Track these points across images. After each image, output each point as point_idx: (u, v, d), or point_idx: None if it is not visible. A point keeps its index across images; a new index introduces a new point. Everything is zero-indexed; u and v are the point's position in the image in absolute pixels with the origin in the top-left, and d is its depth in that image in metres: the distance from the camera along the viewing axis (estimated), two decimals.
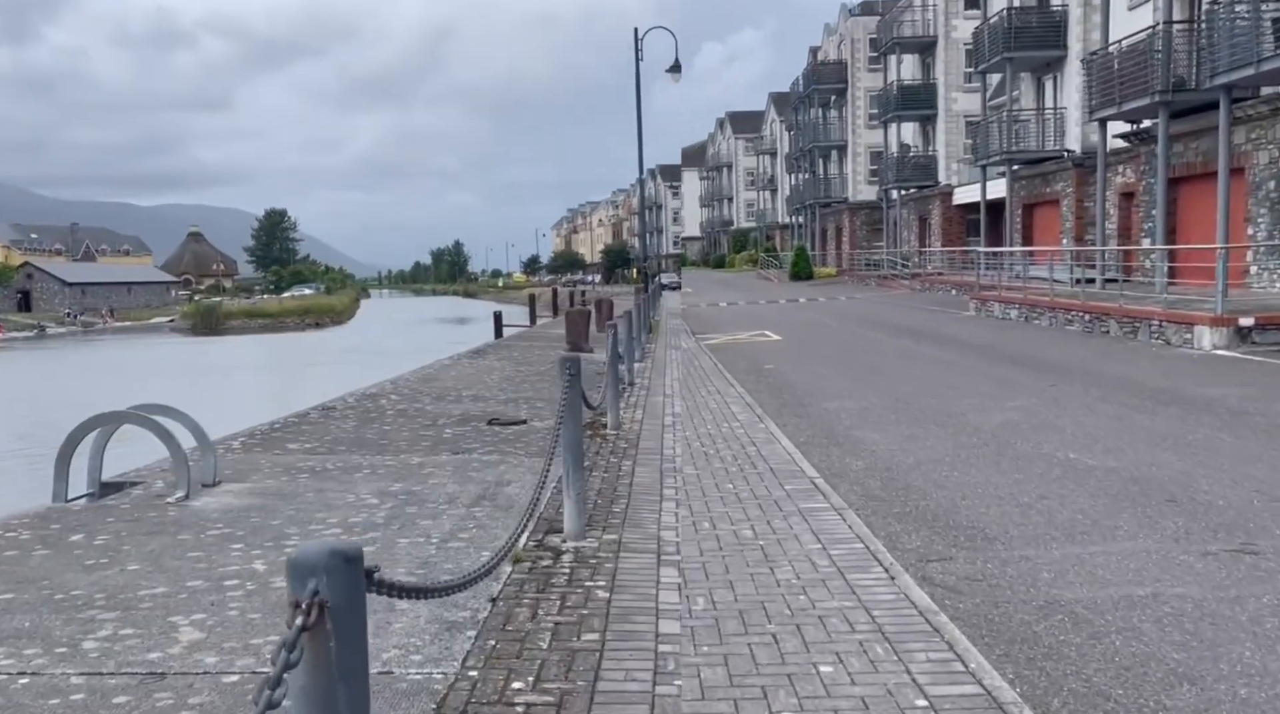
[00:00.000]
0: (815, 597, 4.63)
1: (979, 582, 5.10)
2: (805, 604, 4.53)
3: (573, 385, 5.58)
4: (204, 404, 24.62)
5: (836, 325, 17.40)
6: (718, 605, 4.55)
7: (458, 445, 8.63)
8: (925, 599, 4.57)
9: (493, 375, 14.70)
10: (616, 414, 9.67)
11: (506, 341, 22.75)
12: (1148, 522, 6.09)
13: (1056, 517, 6.22)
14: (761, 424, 10.05)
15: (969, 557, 5.51)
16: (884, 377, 13.10)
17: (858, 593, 4.63)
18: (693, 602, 4.61)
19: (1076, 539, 5.73)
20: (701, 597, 4.68)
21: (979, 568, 5.32)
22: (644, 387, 13.33)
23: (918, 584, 4.84)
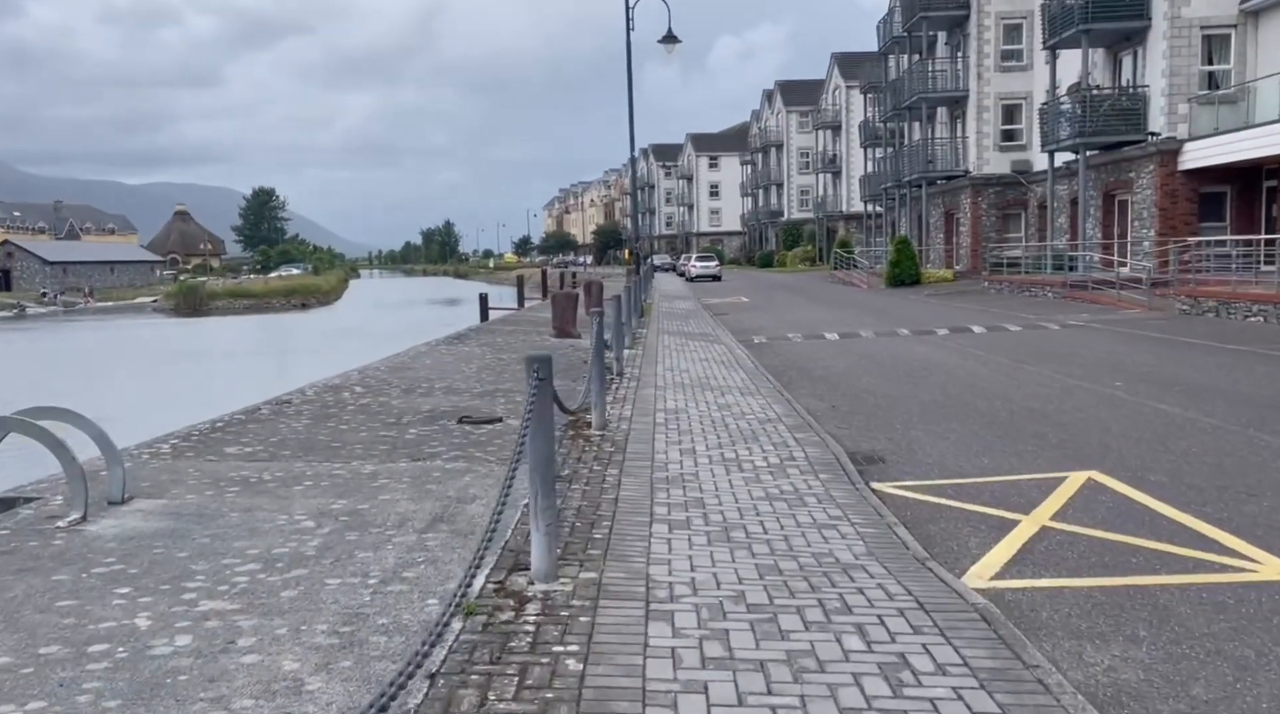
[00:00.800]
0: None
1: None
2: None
3: (541, 391, 4.51)
4: (160, 393, 23.62)
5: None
6: (718, 678, 3.51)
7: (420, 450, 7.56)
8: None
9: (470, 364, 13.61)
10: (602, 411, 8.61)
11: (490, 326, 21.65)
12: None
13: None
14: (760, 397, 9.00)
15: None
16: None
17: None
18: (689, 673, 3.56)
19: None
20: (699, 664, 3.63)
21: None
22: (634, 377, 12.27)
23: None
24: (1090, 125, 27.01)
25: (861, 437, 8.93)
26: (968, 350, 15.46)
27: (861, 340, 17.86)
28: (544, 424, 4.57)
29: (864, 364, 14.32)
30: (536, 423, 4.49)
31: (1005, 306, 24.46)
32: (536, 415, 4.48)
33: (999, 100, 37.36)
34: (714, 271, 56.86)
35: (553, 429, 4.66)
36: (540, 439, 4.53)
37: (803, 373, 13.58)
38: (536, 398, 4.48)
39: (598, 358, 8.46)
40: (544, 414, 4.56)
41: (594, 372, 8.43)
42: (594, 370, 8.43)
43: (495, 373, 12.66)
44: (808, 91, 79.48)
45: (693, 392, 11.08)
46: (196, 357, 33.35)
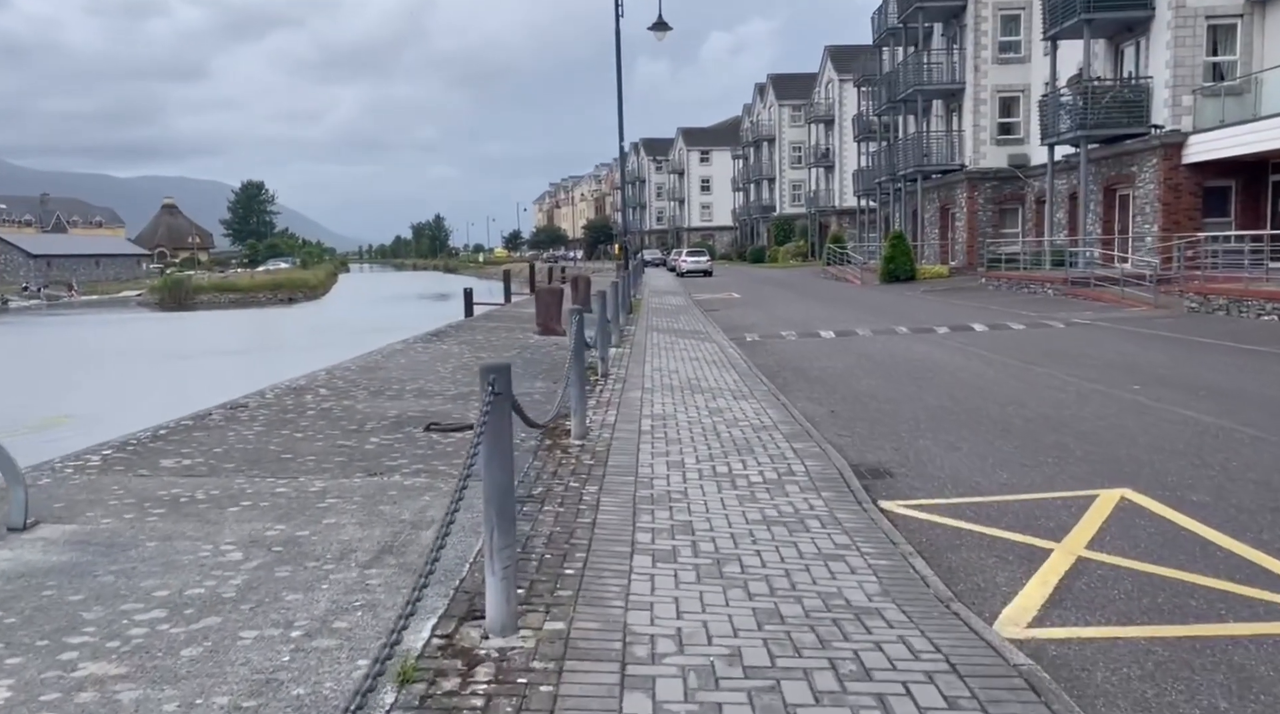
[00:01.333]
0: None
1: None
2: None
3: (496, 408, 3.77)
4: (124, 393, 22.70)
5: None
6: None
7: (379, 462, 6.81)
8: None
9: (446, 363, 12.85)
10: (583, 418, 7.87)
11: (473, 322, 20.87)
12: None
13: None
14: (754, 400, 8.28)
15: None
16: None
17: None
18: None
19: None
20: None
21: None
22: (619, 378, 11.52)
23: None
24: (1092, 118, 26.29)
25: (865, 447, 8.21)
26: (971, 350, 14.76)
27: (859, 338, 17.14)
28: (500, 447, 3.82)
29: (863, 364, 13.60)
30: (491, 445, 3.76)
31: (1005, 304, 23.79)
32: (490, 437, 3.74)
33: (996, 93, 36.61)
34: (705, 267, 56.19)
35: (511, 451, 3.91)
36: (496, 465, 3.79)
37: (798, 374, 12.86)
38: (490, 416, 3.74)
39: (577, 359, 7.72)
40: (500, 435, 3.82)
41: (573, 375, 7.69)
42: (573, 373, 7.68)
43: (471, 373, 11.89)
44: (800, 85, 78.68)
45: (682, 394, 10.35)
46: (171, 354, 32.45)
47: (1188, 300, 19.88)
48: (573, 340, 7.67)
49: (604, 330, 11.71)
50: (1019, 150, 36.41)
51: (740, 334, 18.51)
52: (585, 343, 8.63)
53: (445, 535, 3.22)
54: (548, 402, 9.35)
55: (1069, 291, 24.42)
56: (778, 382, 11.96)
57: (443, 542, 3.20)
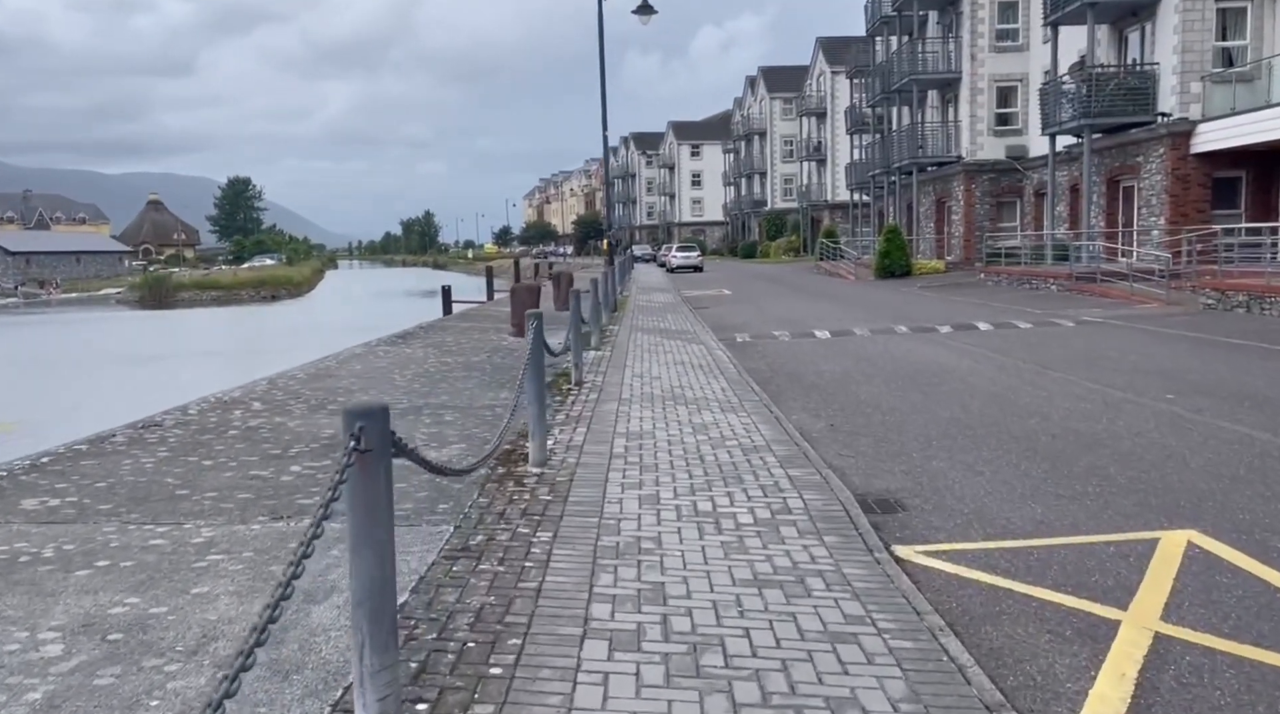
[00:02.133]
0: None
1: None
2: None
3: (365, 474, 2.62)
4: (76, 399, 21.39)
5: None
6: None
7: (291, 501, 5.66)
8: None
9: (406, 370, 11.68)
10: (543, 442, 6.72)
11: (446, 322, 19.68)
12: None
13: None
14: (744, 413, 7.17)
15: None
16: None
17: None
18: None
19: None
20: None
21: None
22: (595, 387, 10.38)
23: None
24: (1096, 106, 25.20)
25: (871, 470, 7.08)
26: (978, 351, 13.65)
27: (856, 339, 16.02)
28: (373, 526, 2.67)
29: (862, 368, 12.47)
30: (360, 524, 2.61)
31: (1008, 300, 22.69)
32: (357, 513, 2.59)
33: (993, 82, 35.50)
34: (696, 262, 55.05)
35: (391, 530, 2.76)
36: (368, 554, 2.64)
37: (792, 379, 11.72)
38: (354, 483, 2.59)
39: (534, 372, 6.56)
40: (373, 509, 2.66)
41: (529, 390, 6.54)
42: (529, 388, 6.54)
43: (432, 382, 10.73)
44: (791, 78, 77.50)
45: (664, 406, 9.21)
46: (137, 357, 31.12)
47: (1203, 296, 18.80)
48: (528, 353, 6.51)
49: (579, 334, 10.56)
50: (1017, 142, 35.39)
51: (730, 334, 17.38)
52: (548, 349, 7.48)
53: (264, 631, 2.08)
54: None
55: (1074, 287, 23.33)
56: (770, 389, 10.83)
57: (257, 640, 2.05)
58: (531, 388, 6.55)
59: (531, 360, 6.53)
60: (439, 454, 6.95)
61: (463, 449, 7.15)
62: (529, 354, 6.51)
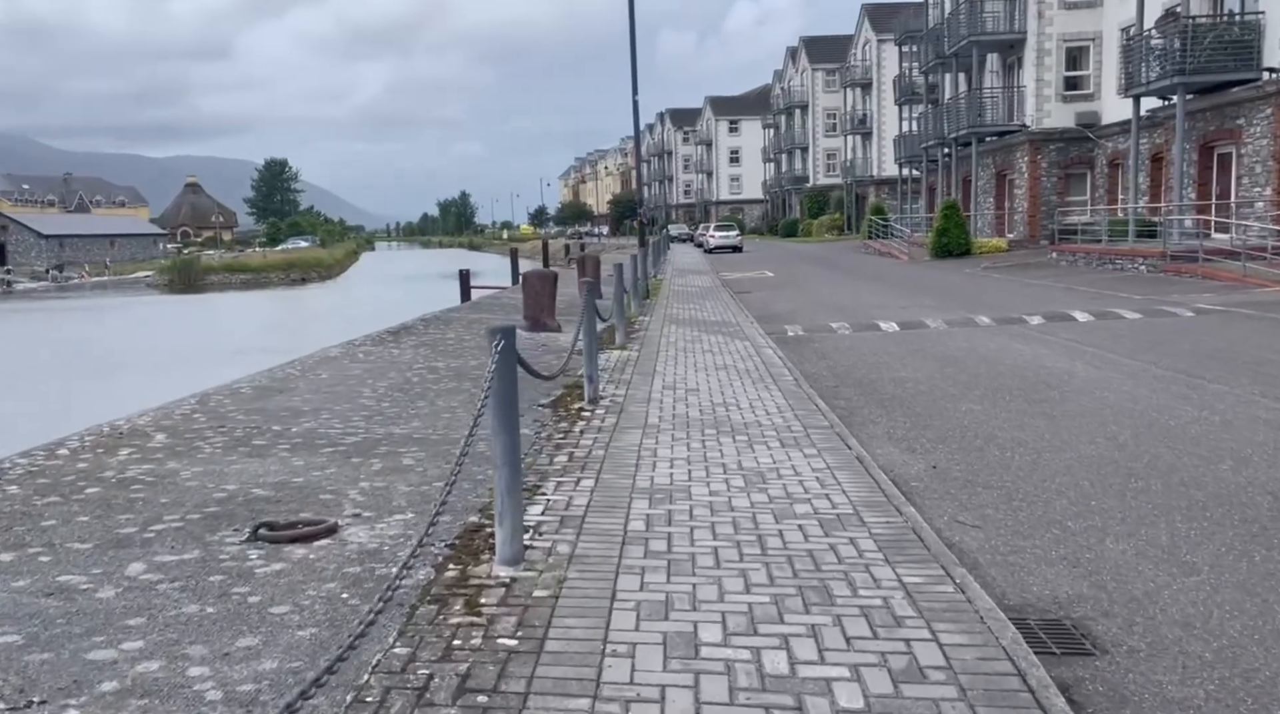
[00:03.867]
0: None
1: None
2: None
3: None
4: (45, 402, 19.15)
5: None
6: None
7: (62, 671, 3.38)
8: None
9: (383, 379, 9.42)
10: (515, 527, 4.38)
11: (455, 312, 17.41)
12: None
13: None
14: (812, 448, 4.81)
15: None
16: None
17: None
18: None
19: None
20: None
21: None
22: (614, 404, 8.05)
23: None
24: (1191, 61, 22.26)
25: (1014, 552, 4.73)
26: (1089, 350, 11.12)
27: (931, 333, 13.54)
28: None
29: (951, 374, 10.02)
30: None
31: (1093, 283, 19.98)
32: None
33: (1063, 42, 32.44)
34: (734, 242, 52.39)
35: None
36: None
37: (865, 390, 9.32)
38: None
39: (503, 415, 4.22)
40: None
41: (498, 448, 4.22)
42: (497, 446, 4.21)
43: (407, 399, 8.46)
44: (835, 47, 74.17)
45: (703, 437, 6.87)
46: (106, 356, 29.20)
47: None
48: (490, 394, 4.15)
49: (593, 337, 8.21)
50: (1088, 108, 32.36)
51: (779, 326, 14.96)
52: (528, 370, 5.16)
53: None
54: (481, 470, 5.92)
55: (1168, 268, 20.53)
56: (839, 406, 8.45)
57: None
58: (501, 444, 4.22)
59: (497, 399, 4.19)
60: (369, 534, 4.67)
61: (407, 523, 4.87)
62: (492, 386, 4.17)
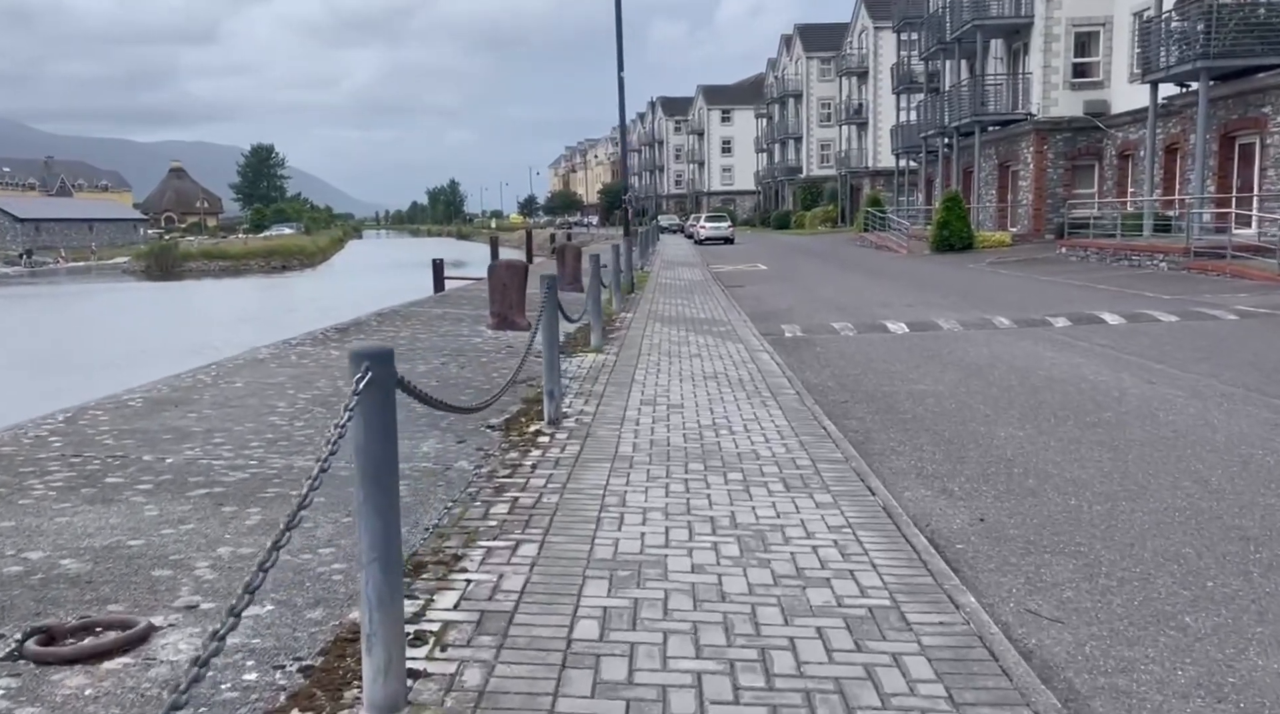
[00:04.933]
0: None
1: None
2: None
3: None
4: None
5: None
6: None
7: None
8: None
9: (307, 390, 7.92)
10: (386, 656, 2.91)
11: (415, 308, 15.84)
12: None
13: None
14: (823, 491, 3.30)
15: None
16: None
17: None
18: None
19: None
20: None
21: None
22: (579, 426, 6.58)
23: None
24: (1216, 45, 20.86)
25: (1125, 672, 3.32)
26: (1130, 359, 9.70)
27: (946, 336, 12.10)
28: None
29: (977, 388, 8.58)
30: None
31: (1110, 281, 18.57)
32: None
33: (1072, 27, 31.00)
34: (726, 233, 50.92)
35: None
36: None
37: (879, 407, 7.88)
38: None
39: (375, 504, 2.73)
40: None
41: (370, 550, 2.73)
42: (370, 544, 2.73)
43: (332, 415, 6.98)
44: (830, 36, 72.67)
45: (685, 476, 5.42)
46: (59, 342, 27.63)
47: None
48: (359, 440, 2.68)
49: (555, 345, 6.72)
50: (1097, 96, 30.96)
51: (775, 325, 13.52)
52: (441, 408, 3.69)
53: None
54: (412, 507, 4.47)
55: (1191, 265, 19.14)
56: (852, 427, 7.03)
57: None
58: (370, 530, 2.74)
59: (363, 460, 2.72)
60: (195, 643, 3.20)
61: (259, 624, 3.40)
62: (355, 440, 2.70)
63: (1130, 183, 29.51)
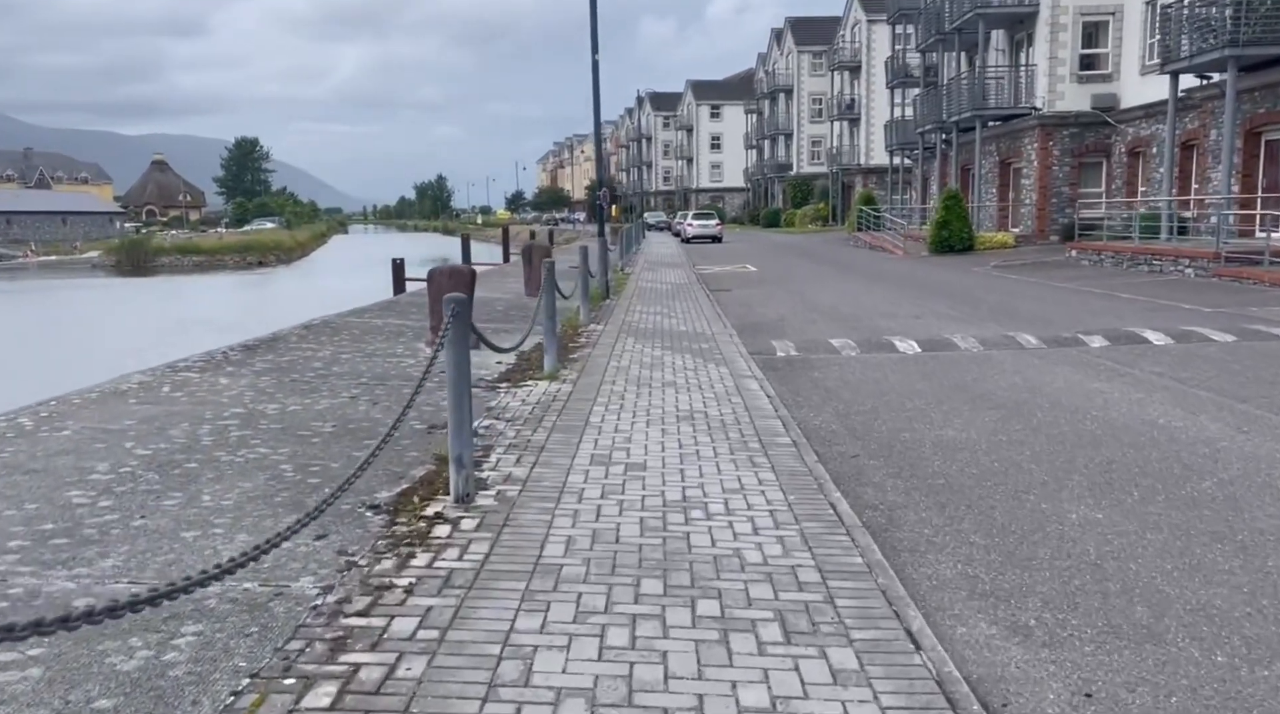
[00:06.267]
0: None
1: None
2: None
3: None
4: None
5: None
6: None
7: None
8: None
9: (154, 441, 6.06)
10: None
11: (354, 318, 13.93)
12: None
13: None
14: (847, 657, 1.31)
15: None
16: None
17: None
18: None
19: None
20: None
21: None
22: (497, 508, 4.75)
23: None
24: (1246, 31, 19.13)
25: None
26: (1202, 395, 7.92)
27: (965, 358, 10.30)
28: None
29: (1021, 436, 6.78)
30: None
31: (1133, 289, 16.82)
32: None
33: (1079, 16, 29.23)
34: (714, 232, 49.09)
35: None
36: None
37: (901, 467, 6.07)
38: None
39: None
40: None
41: None
42: None
43: (164, 483, 5.12)
44: (822, 29, 70.83)
45: (631, 607, 3.61)
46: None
47: None
48: None
49: (464, 392, 4.87)
50: (1105, 89, 29.20)
51: (765, 342, 11.70)
52: None
53: None
54: (169, 694, 2.68)
55: (1222, 272, 17.39)
56: (869, 502, 5.23)
57: None
58: None
59: None
60: None
61: None
62: None
63: (1141, 181, 27.82)
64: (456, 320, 4.79)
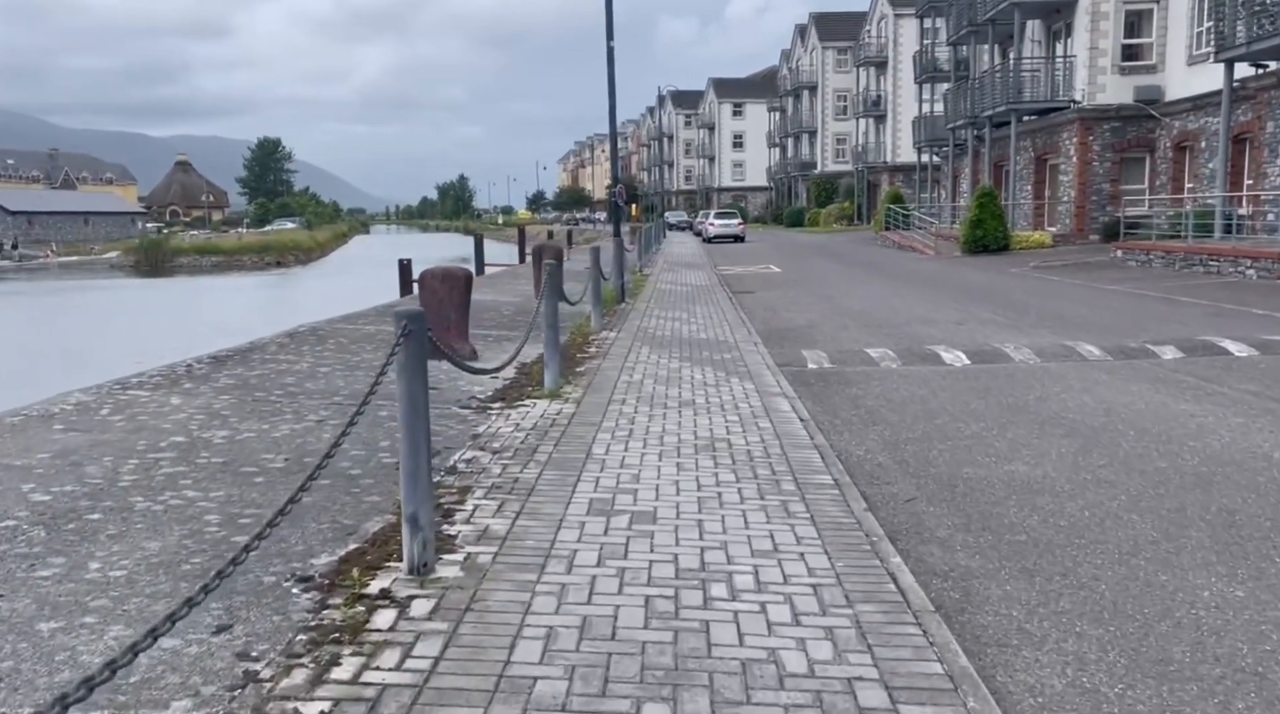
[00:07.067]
0: None
1: None
2: None
3: None
4: None
5: None
6: None
7: None
8: None
9: (53, 484, 5.04)
10: None
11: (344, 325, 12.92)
12: None
13: None
14: None
15: None
16: None
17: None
18: None
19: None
20: None
21: None
22: (464, 575, 3.65)
23: None
24: None
25: None
26: None
27: (1022, 371, 9.13)
28: None
29: (1103, 470, 5.64)
30: None
31: (1192, 292, 15.55)
32: None
33: (1122, 4, 27.85)
34: (736, 231, 47.87)
35: None
36: None
37: (972, 517, 4.94)
38: None
39: None
40: None
41: None
42: None
43: (48, 540, 4.08)
44: (847, 25, 69.34)
45: None
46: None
47: None
48: None
49: (422, 436, 3.79)
50: (1149, 81, 27.79)
51: (794, 351, 10.57)
52: None
53: None
54: None
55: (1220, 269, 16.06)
56: (938, 569, 4.12)
57: None
58: None
59: None
60: None
61: None
62: None
63: (1188, 177, 26.41)
64: (408, 341, 3.71)
